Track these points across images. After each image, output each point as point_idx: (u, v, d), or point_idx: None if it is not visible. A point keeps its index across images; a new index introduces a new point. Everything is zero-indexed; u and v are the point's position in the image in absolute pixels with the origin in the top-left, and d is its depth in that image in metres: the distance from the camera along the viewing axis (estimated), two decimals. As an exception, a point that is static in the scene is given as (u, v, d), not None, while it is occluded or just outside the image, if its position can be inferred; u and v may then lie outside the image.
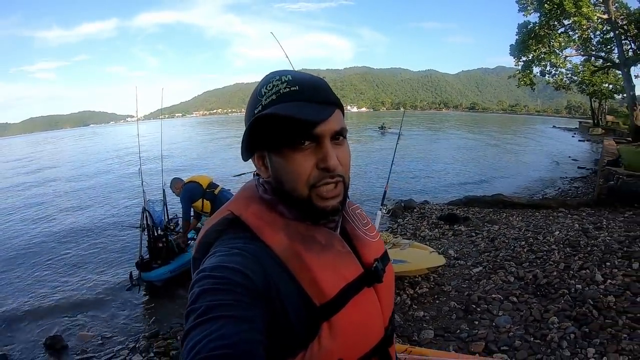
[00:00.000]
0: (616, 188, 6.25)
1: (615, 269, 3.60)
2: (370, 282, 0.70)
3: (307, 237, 0.66)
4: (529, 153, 20.69)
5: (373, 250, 0.75)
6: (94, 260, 6.69)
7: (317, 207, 0.65)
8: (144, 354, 3.67)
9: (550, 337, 2.74)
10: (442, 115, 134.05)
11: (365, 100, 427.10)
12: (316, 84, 0.66)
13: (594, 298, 3.13)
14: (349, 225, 0.76)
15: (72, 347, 4.07)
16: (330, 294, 0.63)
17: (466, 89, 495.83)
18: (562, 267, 3.86)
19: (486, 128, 48.33)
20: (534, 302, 3.34)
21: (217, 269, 0.58)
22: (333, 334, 0.62)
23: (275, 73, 0.67)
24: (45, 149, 46.65)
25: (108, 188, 14.11)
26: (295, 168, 0.64)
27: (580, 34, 14.68)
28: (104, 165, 22.04)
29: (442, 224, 6.49)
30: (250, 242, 0.64)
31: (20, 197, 14.04)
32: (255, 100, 0.66)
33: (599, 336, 2.67)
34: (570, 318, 2.95)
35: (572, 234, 4.77)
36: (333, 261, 0.66)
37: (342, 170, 0.66)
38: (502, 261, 4.35)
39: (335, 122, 0.64)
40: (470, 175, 13.97)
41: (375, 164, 16.24)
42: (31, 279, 6.08)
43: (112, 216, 9.87)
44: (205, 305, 0.53)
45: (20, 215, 10.88)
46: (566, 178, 11.78)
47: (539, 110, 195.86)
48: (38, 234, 8.73)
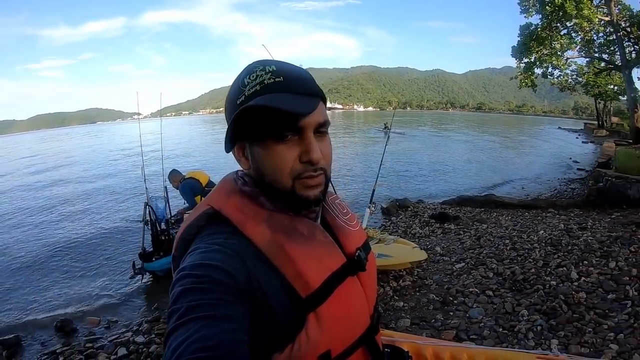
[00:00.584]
0: (605, 189, 6.36)
1: (592, 267, 3.71)
2: (354, 271, 0.71)
3: (289, 229, 0.66)
4: (531, 154, 20.74)
5: (354, 239, 0.75)
6: (99, 251, 7.02)
7: (301, 196, 0.65)
8: (146, 336, 3.94)
9: (517, 329, 2.89)
10: (448, 115, 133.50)
11: (372, 100, 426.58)
12: (300, 75, 0.65)
13: (566, 294, 3.27)
14: (329, 215, 0.77)
15: (81, 330, 4.37)
16: (314, 284, 0.63)
17: (473, 89, 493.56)
18: (541, 264, 3.99)
19: (491, 129, 48.20)
20: (509, 296, 3.48)
21: (198, 267, 0.57)
22: (320, 325, 0.62)
23: (258, 62, 0.66)
24: (52, 146, 47.13)
25: (113, 185, 14.29)
26: (278, 160, 0.63)
27: (583, 35, 14.69)
28: (110, 163, 22.34)
29: (433, 222, 6.63)
30: (231, 236, 0.64)
31: (29, 193, 14.34)
32: (237, 90, 0.65)
33: (565, 329, 2.81)
34: (540, 312, 3.09)
35: (555, 234, 4.90)
36: (316, 251, 0.66)
37: (325, 163, 0.66)
38: (485, 258, 4.48)
39: (319, 114, 0.64)
40: (469, 176, 14.05)
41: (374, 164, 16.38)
42: (41, 268, 6.43)
43: (117, 211, 10.14)
44: (186, 306, 0.52)
45: (29, 209, 11.25)
46: (564, 179, 11.86)
47: (545, 111, 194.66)
48: (47, 227, 9.08)
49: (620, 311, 2.92)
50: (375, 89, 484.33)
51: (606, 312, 2.96)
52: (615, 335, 2.63)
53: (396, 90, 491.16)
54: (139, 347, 3.70)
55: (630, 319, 2.80)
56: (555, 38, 14.55)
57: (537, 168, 15.16)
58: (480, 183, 12.37)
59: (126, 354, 3.60)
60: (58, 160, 25.98)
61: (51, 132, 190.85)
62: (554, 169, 14.76)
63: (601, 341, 2.60)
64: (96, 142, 44.80)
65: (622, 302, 3.05)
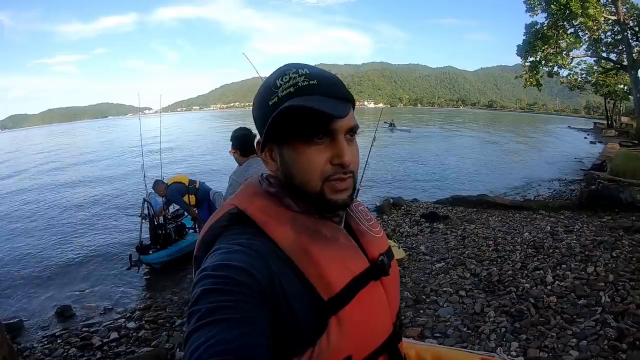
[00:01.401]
0: (597, 192, 6.30)
1: (569, 271, 3.71)
2: (377, 276, 0.70)
3: (313, 231, 0.66)
4: (536, 153, 20.52)
5: (378, 245, 0.75)
6: (100, 243, 7.50)
7: (329, 200, 0.66)
8: (137, 322, 4.23)
9: (482, 329, 2.91)
10: (459, 113, 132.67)
11: (383, 96, 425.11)
12: (332, 80, 0.66)
13: (537, 297, 3.28)
14: (352, 220, 0.77)
15: (79, 316, 4.73)
16: (337, 287, 0.63)
17: (484, 86, 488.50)
18: (519, 266, 4.00)
19: (501, 127, 47.86)
20: (481, 297, 3.50)
21: (220, 268, 0.57)
22: (342, 329, 0.61)
23: (291, 65, 0.66)
24: (63, 141, 47.89)
25: (115, 180, 14.84)
26: (309, 162, 0.64)
27: (590, 34, 14.49)
28: (117, 157, 22.84)
29: (423, 221, 6.64)
30: (254, 237, 0.63)
31: (33, 187, 15.00)
32: (269, 92, 0.65)
33: (528, 332, 2.82)
34: (508, 314, 3.11)
35: (540, 236, 4.89)
36: (339, 255, 0.66)
37: (354, 166, 0.67)
38: (465, 258, 4.50)
39: (350, 118, 0.65)
40: (470, 175, 14.05)
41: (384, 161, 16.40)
42: (44, 259, 6.90)
43: (116, 207, 10.56)
44: (207, 307, 0.52)
45: (33, 203, 11.82)
46: (564, 180, 11.73)
47: (557, 109, 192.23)
48: (50, 220, 9.57)
49: (588, 317, 2.91)
50: (386, 85, 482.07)
51: (574, 318, 2.95)
52: (578, 342, 2.62)
53: (407, 87, 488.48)
54: (130, 332, 4.00)
55: (597, 325, 2.78)
56: (561, 37, 14.37)
57: (540, 168, 15.02)
58: (480, 183, 12.36)
59: (117, 338, 3.89)
60: (67, 157, 26.50)
61: (63, 126, 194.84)
62: (557, 169, 14.60)
63: (562, 346, 2.60)
64: (107, 137, 45.28)
65: (592, 308, 3.03)
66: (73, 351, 3.71)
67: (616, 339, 2.61)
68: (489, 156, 19.22)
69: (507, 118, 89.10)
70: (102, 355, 3.59)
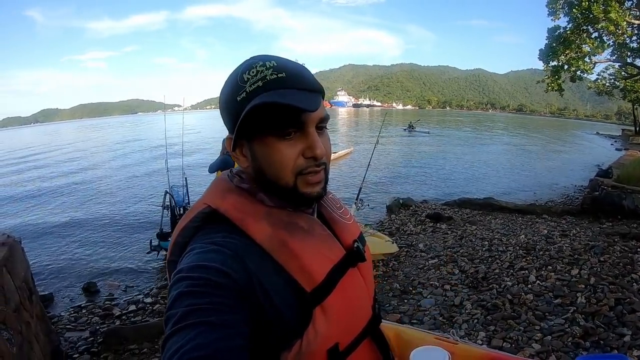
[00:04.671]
0: (600, 199, 6.35)
1: (553, 272, 3.85)
2: (354, 262, 0.71)
3: (289, 224, 0.65)
4: (558, 159, 20.16)
5: (350, 232, 0.76)
6: (124, 230, 8.26)
7: (303, 193, 0.65)
8: (153, 298, 4.84)
9: (456, 319, 3.18)
10: (488, 117, 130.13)
11: (411, 98, 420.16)
12: (301, 71, 0.64)
13: (515, 294, 3.49)
14: (324, 209, 0.77)
15: (102, 292, 5.32)
16: (319, 277, 0.63)
17: (514, 89, 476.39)
18: (506, 266, 4.20)
19: (528, 132, 46.76)
20: (464, 291, 3.74)
21: (195, 269, 0.56)
22: (327, 318, 0.62)
23: (257, 58, 0.64)
24: (94, 135, 49.83)
25: (143, 175, 15.70)
26: (281, 157, 0.62)
27: (615, 39, 14.19)
28: (144, 153, 23.84)
29: (428, 221, 6.85)
30: (229, 236, 0.62)
31: (66, 176, 16.20)
32: (236, 87, 0.62)
33: (497, 324, 3.05)
34: (484, 307, 3.34)
35: (535, 239, 5.04)
36: (317, 245, 0.66)
37: (326, 158, 0.66)
38: (458, 256, 4.73)
39: (320, 109, 0.64)
40: (486, 178, 14.09)
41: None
42: (75, 240, 7.72)
43: (141, 198, 11.37)
44: (182, 311, 0.51)
45: (66, 194, 12.71)
46: (579, 187, 11.62)
47: (588, 115, 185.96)
48: (80, 210, 10.36)
49: (559, 315, 3.07)
50: (414, 87, 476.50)
51: (545, 315, 3.13)
52: (543, 337, 2.81)
53: (436, 89, 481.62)
54: (146, 306, 4.58)
55: (566, 323, 2.95)
56: (584, 41, 14.12)
57: (559, 174, 14.86)
58: (495, 186, 12.40)
59: (134, 310, 4.47)
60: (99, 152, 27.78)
61: (93, 121, 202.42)
62: (576, 175, 14.38)
63: (526, 339, 2.81)
64: (131, 134, 46.69)
65: (565, 307, 3.18)
66: (95, 319, 4.29)
67: (581, 336, 2.77)
68: (510, 160, 19.08)
69: (536, 123, 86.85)
70: (121, 322, 4.17)
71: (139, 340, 3.52)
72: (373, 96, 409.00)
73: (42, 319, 2.99)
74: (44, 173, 17.64)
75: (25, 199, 12.07)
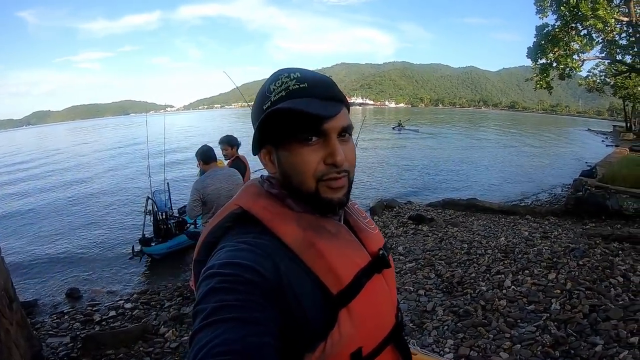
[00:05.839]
0: (583, 199, 6.29)
1: (530, 277, 3.79)
2: (379, 268, 0.72)
3: (317, 227, 0.67)
4: (549, 157, 20.23)
5: (375, 240, 0.77)
6: (107, 235, 8.29)
7: (324, 199, 0.67)
8: (133, 303, 4.85)
9: (426, 326, 3.08)
10: (480, 114, 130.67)
11: (404, 96, 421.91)
12: (324, 82, 0.67)
13: (488, 300, 3.40)
14: (350, 218, 0.79)
15: (86, 297, 5.35)
16: (345, 280, 0.64)
17: (507, 87, 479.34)
18: (483, 269, 4.11)
19: (519, 129, 46.97)
20: (438, 296, 3.66)
21: (226, 266, 0.57)
22: (352, 321, 0.62)
23: (283, 70, 0.68)
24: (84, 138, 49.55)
25: (124, 180, 15.55)
26: (303, 162, 0.65)
27: (604, 36, 14.18)
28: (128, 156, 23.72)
29: (410, 223, 6.76)
30: (260, 236, 0.64)
31: (47, 181, 16.01)
32: (263, 97, 0.67)
33: (467, 332, 2.97)
34: (455, 313, 3.26)
35: (514, 241, 4.97)
36: (344, 248, 0.67)
37: (348, 165, 0.67)
38: (436, 260, 4.64)
39: (342, 118, 0.66)
40: (474, 177, 14.11)
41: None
42: (57, 248, 7.66)
43: (123, 203, 11.31)
44: (212, 306, 0.52)
45: (50, 196, 12.83)
46: (568, 185, 11.59)
47: (580, 111, 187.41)
48: (65, 215, 10.40)
49: (531, 323, 3.00)
50: (407, 85, 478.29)
51: (517, 322, 3.05)
52: (512, 345, 2.74)
53: (429, 87, 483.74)
54: (125, 311, 4.62)
55: (537, 331, 2.87)
56: (573, 39, 14.09)
57: (548, 172, 14.91)
58: (482, 186, 12.44)
59: (114, 315, 4.51)
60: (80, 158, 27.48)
61: (86, 123, 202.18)
62: (565, 173, 14.41)
63: (494, 348, 2.73)
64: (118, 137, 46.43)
65: (539, 314, 3.11)
66: (77, 325, 4.33)
67: (551, 345, 2.69)
68: (500, 159, 19.12)
69: (528, 120, 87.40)
70: (100, 328, 4.20)
71: (116, 345, 3.56)
72: (366, 95, 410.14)
73: (22, 326, 3.07)
74: (28, 176, 17.55)
75: (8, 202, 12.12)
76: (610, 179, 6.76)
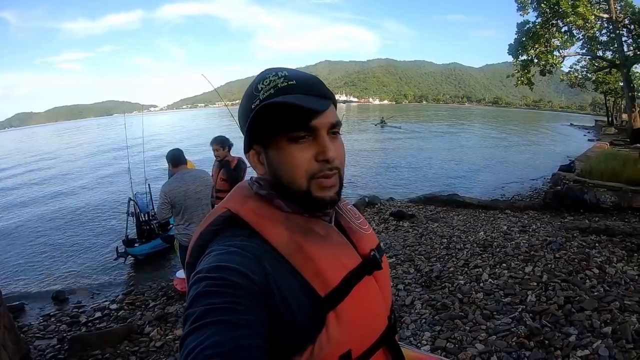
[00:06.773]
0: (561, 193, 6.40)
1: (507, 270, 3.83)
2: (370, 270, 0.71)
3: (306, 229, 0.67)
4: (531, 152, 20.46)
5: (368, 241, 0.76)
6: (91, 238, 8.32)
7: (316, 197, 0.66)
8: (118, 304, 4.87)
9: (404, 319, 3.09)
10: (463, 110, 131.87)
11: (388, 93, 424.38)
12: (312, 79, 0.68)
13: (465, 293, 3.43)
14: (342, 218, 0.78)
15: (71, 299, 5.35)
16: (333, 282, 0.63)
17: (490, 82, 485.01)
18: (462, 264, 4.14)
19: (503, 124, 47.60)
20: (417, 291, 3.66)
21: (214, 270, 0.57)
22: (340, 323, 0.62)
23: (270, 70, 0.68)
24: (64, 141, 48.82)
25: (106, 181, 15.50)
26: (294, 161, 0.64)
27: (585, 32, 14.43)
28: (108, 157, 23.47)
29: (391, 219, 6.79)
30: (248, 239, 0.64)
31: (27, 183, 16.25)
32: (251, 96, 0.66)
33: (443, 324, 2.99)
34: (433, 307, 3.27)
35: (493, 235, 5.02)
36: (333, 251, 0.67)
37: (339, 162, 0.67)
38: (416, 255, 4.66)
39: (331, 115, 0.66)
40: (456, 173, 14.25)
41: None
42: (44, 251, 7.71)
43: (106, 205, 11.23)
44: (201, 310, 0.52)
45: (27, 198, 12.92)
46: (549, 179, 11.78)
47: (562, 106, 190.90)
48: (45, 218, 10.37)
49: (507, 314, 3.04)
50: (391, 82, 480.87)
51: (493, 314, 3.08)
52: (488, 336, 2.77)
53: (412, 84, 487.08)
54: (111, 312, 4.64)
55: (513, 322, 2.91)
56: (554, 35, 14.32)
57: (530, 167, 15.06)
58: (465, 181, 12.55)
59: (100, 316, 4.53)
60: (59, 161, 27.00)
61: (69, 124, 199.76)
62: (547, 167, 14.57)
63: (470, 339, 2.76)
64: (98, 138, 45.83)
65: (515, 306, 3.15)
66: (63, 327, 4.35)
67: (526, 336, 2.73)
68: (482, 155, 19.23)
69: (512, 115, 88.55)
70: (86, 329, 4.20)
71: (102, 346, 3.58)
72: (350, 92, 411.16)
73: (10, 329, 3.16)
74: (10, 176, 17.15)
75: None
76: (588, 173, 6.88)
